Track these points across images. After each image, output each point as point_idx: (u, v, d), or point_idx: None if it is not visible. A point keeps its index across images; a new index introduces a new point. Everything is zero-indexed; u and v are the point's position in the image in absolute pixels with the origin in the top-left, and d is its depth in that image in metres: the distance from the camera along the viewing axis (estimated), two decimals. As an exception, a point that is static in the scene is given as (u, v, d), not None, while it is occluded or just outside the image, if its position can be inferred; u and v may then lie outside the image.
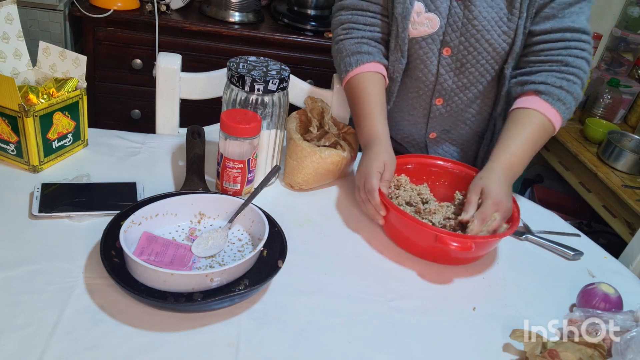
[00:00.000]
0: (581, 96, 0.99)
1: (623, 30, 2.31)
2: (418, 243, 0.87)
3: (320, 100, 1.05)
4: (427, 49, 1.03)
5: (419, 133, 1.16)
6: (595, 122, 2.12)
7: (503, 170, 0.91)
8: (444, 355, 0.71)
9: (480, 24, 0.98)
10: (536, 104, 0.96)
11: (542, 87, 0.97)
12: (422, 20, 1.01)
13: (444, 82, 1.06)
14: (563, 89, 0.96)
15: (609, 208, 1.88)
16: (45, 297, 0.68)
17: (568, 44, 0.97)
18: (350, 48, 1.05)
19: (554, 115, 0.96)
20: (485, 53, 1.01)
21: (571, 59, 0.97)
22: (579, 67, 0.97)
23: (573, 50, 0.97)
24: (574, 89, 0.97)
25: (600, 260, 0.98)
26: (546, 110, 0.96)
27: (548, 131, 0.97)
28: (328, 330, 0.71)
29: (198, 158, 0.95)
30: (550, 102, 0.96)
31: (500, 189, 0.87)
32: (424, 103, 1.11)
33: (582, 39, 0.98)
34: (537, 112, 0.96)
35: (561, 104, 0.96)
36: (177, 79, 1.09)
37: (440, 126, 1.14)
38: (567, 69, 0.97)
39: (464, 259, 0.88)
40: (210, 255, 0.78)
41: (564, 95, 0.96)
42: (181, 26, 1.81)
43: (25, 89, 0.89)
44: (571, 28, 0.97)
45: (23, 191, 0.86)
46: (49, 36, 1.77)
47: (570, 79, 0.97)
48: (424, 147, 1.18)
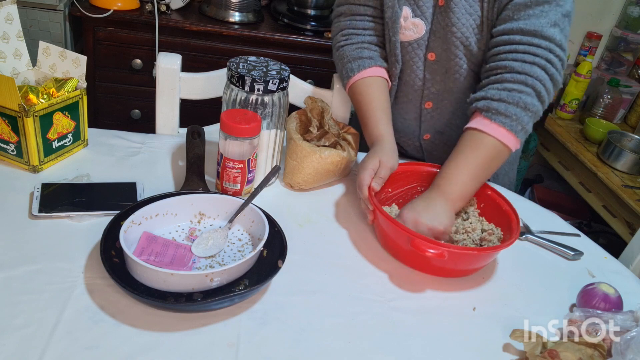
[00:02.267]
0: (535, 105, 0.89)
1: (623, 30, 2.31)
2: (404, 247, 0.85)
3: (320, 100, 1.05)
4: (414, 53, 1.04)
5: (413, 135, 1.17)
6: (595, 122, 2.12)
7: (434, 200, 0.88)
8: (444, 355, 0.71)
9: (459, 31, 0.97)
10: (479, 124, 0.90)
11: (480, 104, 0.91)
12: (409, 26, 1.01)
13: (431, 86, 1.07)
14: (503, 101, 0.88)
15: (609, 208, 1.88)
16: (45, 297, 0.68)
17: (516, 47, 0.89)
18: (351, 54, 1.06)
19: (499, 133, 0.88)
20: (465, 58, 1.00)
21: (517, 64, 0.88)
22: (527, 74, 0.88)
23: (520, 55, 0.88)
24: (519, 99, 0.87)
25: (600, 260, 0.98)
26: (490, 129, 0.89)
27: (498, 150, 0.89)
28: (328, 330, 0.71)
29: (198, 158, 0.95)
30: (490, 119, 0.88)
31: (414, 212, 0.85)
32: (414, 107, 1.12)
33: (533, 43, 0.88)
34: (482, 134, 0.89)
35: (503, 117, 0.88)
36: (177, 79, 1.09)
37: (433, 128, 1.14)
38: (511, 77, 0.89)
39: (460, 271, 0.86)
40: (210, 255, 0.78)
41: (505, 108, 0.88)
42: (181, 26, 1.81)
43: (25, 89, 0.89)
44: (522, 30, 0.88)
45: (23, 191, 0.86)
46: (49, 36, 1.77)
47: (513, 89, 0.88)
48: (419, 146, 1.18)
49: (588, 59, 2.32)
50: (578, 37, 2.36)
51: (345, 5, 1.07)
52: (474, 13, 0.96)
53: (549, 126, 2.19)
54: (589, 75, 2.16)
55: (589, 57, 2.34)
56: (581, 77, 2.14)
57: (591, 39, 2.33)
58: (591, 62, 2.28)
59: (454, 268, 0.85)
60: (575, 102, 2.20)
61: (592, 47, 2.34)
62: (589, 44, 2.34)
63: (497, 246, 0.85)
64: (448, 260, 0.79)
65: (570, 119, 2.25)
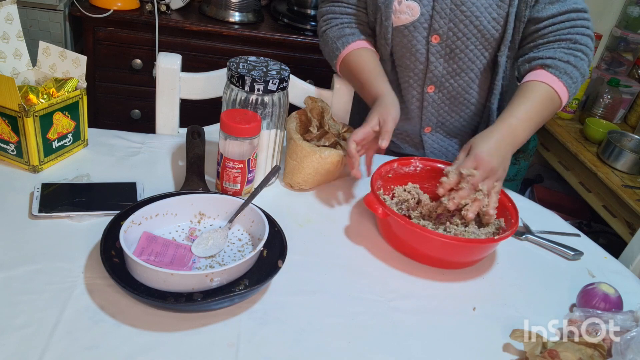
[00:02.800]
0: (587, 73, 1.00)
1: (623, 30, 2.31)
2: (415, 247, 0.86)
3: (320, 100, 1.05)
4: (411, 36, 1.04)
5: (414, 128, 1.16)
6: (595, 122, 2.12)
7: (500, 133, 0.91)
8: (444, 355, 0.71)
9: (469, 10, 0.99)
10: (543, 77, 0.97)
11: (549, 62, 0.98)
12: (403, 9, 1.02)
13: (434, 69, 1.07)
14: (570, 64, 0.97)
15: (609, 208, 1.88)
16: (45, 297, 0.68)
17: (574, 22, 0.99)
18: (334, 34, 1.09)
19: (560, 88, 0.96)
20: (474, 39, 1.03)
21: (579, 37, 0.99)
22: (586, 45, 0.99)
23: (580, 29, 0.99)
24: (581, 65, 0.98)
25: (600, 260, 0.98)
26: (553, 82, 0.96)
27: (554, 102, 0.97)
28: (328, 330, 0.71)
29: (198, 158, 0.95)
30: (557, 75, 0.96)
31: (487, 146, 0.87)
32: (415, 93, 1.12)
33: (585, 17, 1.00)
34: (543, 84, 0.96)
35: (568, 78, 0.97)
36: (177, 79, 1.09)
37: (434, 117, 1.14)
38: (575, 46, 0.99)
39: (461, 263, 0.87)
40: (210, 255, 0.78)
41: (571, 70, 0.97)
42: (181, 26, 1.81)
43: (25, 89, 0.89)
44: (576, 9, 1.00)
45: (23, 191, 0.86)
46: (49, 36, 1.77)
47: (577, 55, 0.98)
48: (420, 142, 1.18)
49: (588, 59, 2.32)
50: (578, 37, 2.36)
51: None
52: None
53: (549, 126, 2.19)
54: (589, 75, 2.16)
55: (589, 57, 2.34)
56: (581, 77, 2.14)
57: (591, 38, 2.33)
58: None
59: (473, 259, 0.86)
60: (575, 102, 2.20)
61: (592, 47, 2.34)
62: (589, 43, 2.34)
63: (498, 238, 0.85)
64: (449, 251, 0.80)
65: (570, 119, 2.25)
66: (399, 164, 0.99)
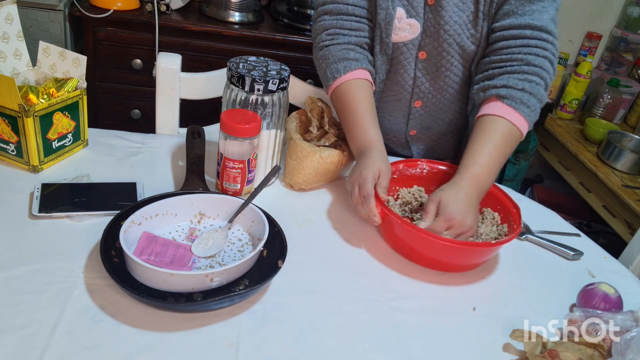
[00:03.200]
0: (545, 98, 0.95)
1: (623, 30, 2.31)
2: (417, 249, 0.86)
3: (320, 100, 1.05)
4: (408, 54, 1.04)
5: (400, 131, 1.18)
6: (595, 122, 2.12)
7: (467, 186, 0.87)
8: (444, 355, 0.71)
9: (451, 29, 0.98)
10: (499, 110, 0.93)
11: (503, 92, 0.93)
12: (404, 26, 1.01)
13: (421, 84, 1.07)
14: (525, 92, 0.92)
15: (609, 208, 1.88)
16: (45, 297, 0.68)
17: (528, 41, 0.94)
18: (337, 54, 1.02)
19: (518, 120, 0.92)
20: (457, 56, 1.02)
21: (532, 58, 0.93)
22: (541, 67, 0.93)
23: (533, 49, 0.94)
24: (537, 90, 0.93)
25: (600, 260, 0.98)
26: (510, 115, 0.92)
27: (515, 136, 0.93)
28: (328, 330, 0.71)
29: (198, 158, 0.95)
30: (513, 107, 0.92)
31: (457, 206, 0.84)
32: (403, 106, 1.12)
33: (542, 38, 0.94)
34: (501, 119, 0.92)
35: (525, 107, 0.92)
36: (177, 79, 1.09)
37: (420, 124, 1.15)
38: (529, 69, 0.93)
39: (459, 266, 0.87)
40: (210, 255, 0.78)
41: (527, 98, 0.92)
42: (181, 26, 1.81)
43: (25, 89, 0.89)
44: (531, 25, 0.93)
45: (23, 191, 0.86)
46: (49, 36, 1.77)
47: (532, 80, 0.93)
48: (405, 142, 1.19)
49: (588, 59, 2.32)
50: (578, 37, 2.36)
51: (331, 4, 1.04)
52: (467, 9, 0.97)
53: (549, 126, 2.19)
54: (589, 76, 2.16)
55: (589, 57, 2.34)
56: (581, 77, 2.14)
57: (591, 39, 2.33)
58: (591, 62, 2.28)
59: (457, 263, 0.86)
60: (575, 102, 2.20)
61: (592, 47, 2.34)
62: (589, 44, 2.34)
63: (499, 242, 0.84)
64: (452, 254, 0.80)
65: (570, 119, 2.25)
66: (405, 166, 0.99)
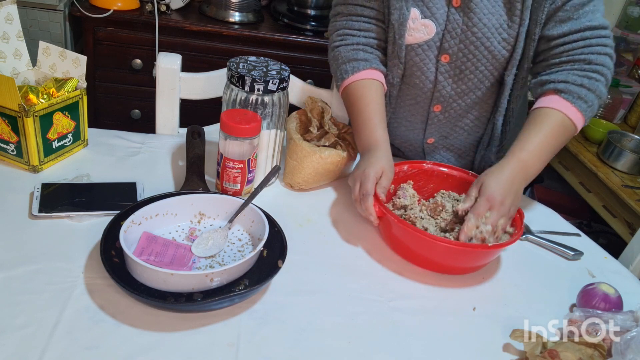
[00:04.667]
0: (605, 94, 0.96)
1: (623, 30, 2.31)
2: (416, 251, 0.86)
3: (320, 100, 1.05)
4: (424, 55, 1.02)
5: (417, 138, 1.15)
6: (595, 122, 2.12)
7: (511, 169, 0.89)
8: (444, 355, 0.71)
9: (480, 31, 0.97)
10: (555, 103, 0.94)
11: (561, 86, 0.94)
12: (418, 27, 0.99)
13: (442, 89, 1.05)
14: (584, 87, 0.93)
15: (609, 208, 1.88)
16: (45, 297, 0.68)
17: (589, 41, 0.95)
18: (346, 55, 1.03)
19: (574, 114, 0.93)
20: (484, 60, 1.00)
21: (594, 57, 0.94)
22: (602, 64, 0.95)
23: (595, 48, 0.95)
24: (596, 87, 0.94)
25: (600, 260, 0.98)
26: (566, 108, 0.93)
27: (568, 130, 0.94)
28: (328, 330, 0.71)
29: (198, 158, 0.95)
30: (570, 100, 0.93)
31: (499, 187, 0.85)
32: (421, 110, 1.10)
33: (602, 35, 0.95)
34: (555, 111, 0.93)
35: (582, 102, 0.93)
36: (177, 79, 1.09)
37: (438, 132, 1.13)
38: (590, 67, 0.94)
39: (463, 269, 0.87)
40: (210, 255, 0.78)
41: (585, 93, 0.93)
42: (181, 26, 1.81)
43: (25, 89, 0.89)
44: (590, 27, 0.94)
45: (23, 191, 0.86)
46: (49, 36, 1.77)
47: (592, 77, 0.94)
48: (422, 151, 1.17)
49: (588, 59, 2.32)
50: (578, 37, 2.36)
51: (342, 5, 1.05)
52: (496, 13, 0.96)
53: (549, 126, 2.19)
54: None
55: (589, 57, 2.34)
56: (581, 77, 2.14)
57: (591, 39, 2.33)
58: (591, 62, 2.27)
59: (474, 265, 0.86)
60: (575, 102, 2.20)
61: (592, 47, 2.34)
62: (589, 44, 2.34)
63: (495, 245, 0.84)
64: (451, 257, 0.80)
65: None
66: (410, 167, 0.99)
